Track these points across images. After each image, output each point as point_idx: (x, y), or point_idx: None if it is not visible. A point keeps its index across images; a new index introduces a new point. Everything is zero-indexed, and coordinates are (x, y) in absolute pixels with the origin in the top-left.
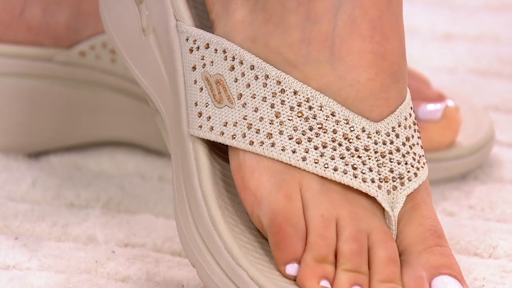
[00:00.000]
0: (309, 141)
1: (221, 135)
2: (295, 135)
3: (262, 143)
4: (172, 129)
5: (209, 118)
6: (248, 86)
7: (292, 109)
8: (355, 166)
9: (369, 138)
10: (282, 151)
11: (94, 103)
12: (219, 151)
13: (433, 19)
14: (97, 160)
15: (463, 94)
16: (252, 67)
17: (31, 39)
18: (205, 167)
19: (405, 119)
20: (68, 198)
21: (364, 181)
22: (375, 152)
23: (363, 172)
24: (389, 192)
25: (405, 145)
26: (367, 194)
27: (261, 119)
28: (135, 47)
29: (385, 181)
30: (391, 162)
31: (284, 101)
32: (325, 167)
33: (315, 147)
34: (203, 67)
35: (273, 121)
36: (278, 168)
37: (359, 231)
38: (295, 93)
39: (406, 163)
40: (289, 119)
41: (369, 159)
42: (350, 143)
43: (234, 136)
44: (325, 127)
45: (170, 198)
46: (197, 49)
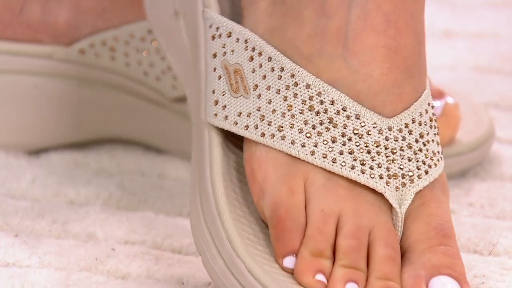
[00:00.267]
0: (318, 135)
1: (235, 125)
2: (305, 128)
3: (273, 136)
4: (193, 115)
5: (224, 107)
6: (264, 77)
7: (304, 102)
8: (363, 161)
9: (380, 134)
10: (291, 144)
11: (93, 101)
12: (237, 141)
13: (433, 17)
14: (97, 157)
15: (463, 91)
16: (269, 58)
17: (31, 36)
18: (217, 156)
19: (420, 115)
20: (68, 195)
21: (371, 177)
22: (386, 148)
23: (372, 167)
24: (397, 188)
25: (418, 142)
26: (375, 190)
27: (274, 111)
28: (168, 30)
29: (394, 177)
30: (402, 158)
31: (296, 94)
32: (333, 162)
33: (324, 142)
34: (224, 55)
35: (285, 114)
36: (285, 161)
37: (359, 227)
38: (308, 87)
39: (417, 160)
40: (300, 113)
41: (379, 155)
42: (360, 138)
43: (247, 126)
44: (336, 121)
45: (170, 195)
46: (219, 36)
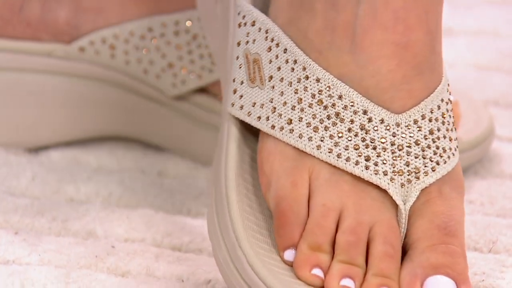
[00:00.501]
0: (325, 130)
1: (248, 115)
2: (313, 122)
3: (282, 128)
4: (223, 103)
5: (241, 96)
6: (278, 69)
7: (313, 96)
8: (368, 157)
9: (387, 130)
10: (299, 138)
11: (93, 98)
12: (255, 131)
13: None
14: (97, 155)
15: (463, 89)
16: (285, 50)
17: (31, 34)
18: (232, 144)
19: (431, 112)
20: (68, 193)
21: (376, 173)
22: (392, 144)
23: (376, 164)
24: (403, 185)
25: (427, 139)
26: (380, 186)
27: (285, 103)
28: (209, 16)
29: (399, 174)
30: (408, 155)
31: (307, 87)
32: (338, 157)
33: (331, 136)
34: (246, 44)
35: (294, 107)
36: (292, 154)
37: (359, 223)
38: (318, 81)
39: (424, 157)
40: (309, 106)
41: (384, 151)
42: (366, 134)
43: (259, 117)
44: (343, 116)
45: (170, 193)
46: (244, 25)
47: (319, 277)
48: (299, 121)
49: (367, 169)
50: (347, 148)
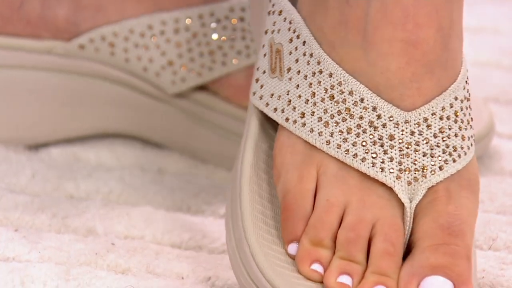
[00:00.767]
0: (335, 125)
1: (266, 106)
2: (324, 117)
3: (295, 122)
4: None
5: (262, 86)
6: (296, 61)
7: (326, 91)
8: (375, 154)
9: (396, 127)
10: (310, 132)
11: (93, 96)
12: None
13: None
14: (97, 152)
15: None
16: (304, 42)
17: (30, 32)
18: (252, 134)
19: (442, 110)
20: (68, 190)
21: (382, 170)
22: (400, 142)
23: (383, 161)
24: (409, 183)
25: (436, 137)
26: (385, 184)
27: (299, 96)
28: (253, 5)
29: (406, 172)
30: (416, 153)
31: (320, 82)
32: (346, 153)
33: (340, 132)
34: (272, 33)
35: (308, 100)
36: (302, 148)
37: (361, 220)
38: (330, 75)
39: (432, 156)
40: (321, 101)
41: (392, 148)
42: (375, 130)
43: (275, 109)
44: (352, 112)
45: (169, 190)
46: (273, 13)
47: (318, 273)
48: (311, 115)
49: (374, 166)
50: (355, 144)
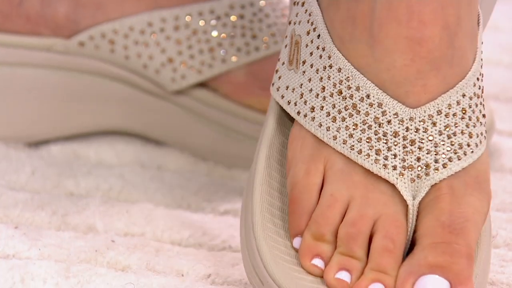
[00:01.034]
0: (342, 121)
1: (282, 98)
2: (332, 112)
3: (305, 115)
4: None
5: (279, 77)
6: (311, 54)
7: (334, 85)
8: (379, 151)
9: (401, 124)
10: (319, 126)
11: (93, 93)
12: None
13: None
14: (97, 149)
15: None
16: (318, 36)
17: (30, 29)
18: (270, 125)
19: (449, 107)
20: (67, 187)
21: (385, 167)
22: (404, 138)
23: (386, 157)
24: (413, 180)
25: (441, 134)
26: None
27: (311, 90)
28: None
29: (410, 169)
30: (420, 150)
31: (330, 76)
32: (351, 149)
33: (346, 127)
34: (294, 24)
35: (318, 95)
36: (311, 142)
37: (362, 216)
38: (339, 70)
39: (436, 153)
40: (330, 96)
41: (396, 145)
42: (379, 127)
43: (289, 102)
44: (359, 108)
45: (169, 187)
46: (297, 4)
47: (318, 267)
48: (321, 109)
49: (377, 162)
50: (360, 140)
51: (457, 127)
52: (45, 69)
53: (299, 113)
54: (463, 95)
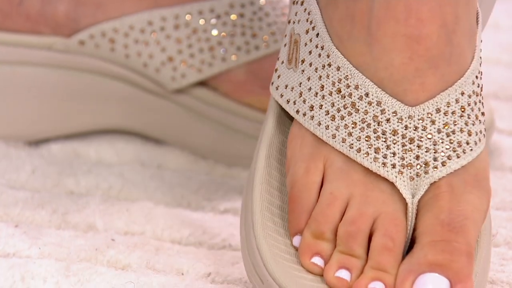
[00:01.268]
0: (341, 119)
1: (281, 97)
2: (331, 111)
3: (304, 114)
4: None
5: (279, 76)
6: (310, 53)
7: (333, 84)
8: (378, 149)
9: (400, 122)
10: (318, 125)
11: (93, 92)
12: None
13: None
14: (97, 148)
15: None
16: (317, 34)
17: (30, 27)
18: (270, 124)
19: (447, 105)
20: (68, 186)
21: (384, 165)
22: (403, 137)
23: (385, 156)
24: (412, 178)
25: (440, 132)
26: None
27: (310, 89)
28: None
29: (409, 167)
30: (419, 148)
31: (329, 75)
32: (350, 147)
33: (345, 126)
34: (293, 23)
35: (317, 93)
36: (311, 140)
37: (362, 214)
38: (338, 69)
39: (435, 151)
40: (329, 94)
41: (395, 143)
42: (378, 125)
43: (288, 101)
44: (358, 106)
45: (169, 186)
46: (296, 3)
47: (319, 266)
48: (320, 108)
49: (376, 161)
50: (359, 139)
51: (456, 125)
52: (45, 67)
53: (298, 111)
54: (462, 93)
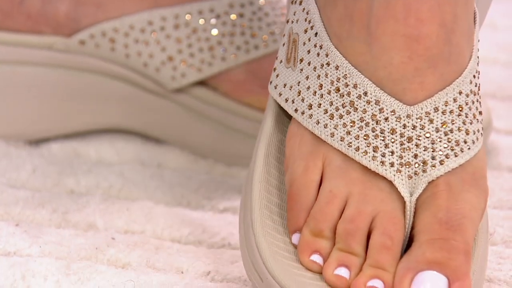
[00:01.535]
0: (340, 118)
1: (279, 96)
2: (329, 109)
3: (303, 113)
4: None
5: (277, 75)
6: (308, 52)
7: (332, 83)
8: (376, 148)
9: (398, 121)
10: (316, 124)
11: (93, 91)
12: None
13: None
14: (97, 147)
15: None
16: (316, 34)
17: (31, 27)
18: (268, 123)
19: (445, 104)
20: (68, 185)
21: (382, 164)
22: (402, 136)
23: (383, 154)
24: (410, 177)
25: (438, 131)
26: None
27: (308, 88)
28: None
29: (407, 166)
30: (417, 147)
31: (327, 74)
32: (349, 146)
33: (344, 125)
34: (292, 23)
35: (315, 92)
36: (310, 139)
37: (360, 212)
38: (337, 68)
39: (434, 150)
40: (328, 93)
41: (393, 142)
42: (377, 124)
43: (286, 99)
44: (356, 105)
45: (169, 185)
46: (295, 3)
47: (317, 264)
48: (318, 107)
49: (374, 159)
50: (357, 137)
51: (454, 124)
52: (46, 67)
53: (296, 110)
54: (460, 92)
